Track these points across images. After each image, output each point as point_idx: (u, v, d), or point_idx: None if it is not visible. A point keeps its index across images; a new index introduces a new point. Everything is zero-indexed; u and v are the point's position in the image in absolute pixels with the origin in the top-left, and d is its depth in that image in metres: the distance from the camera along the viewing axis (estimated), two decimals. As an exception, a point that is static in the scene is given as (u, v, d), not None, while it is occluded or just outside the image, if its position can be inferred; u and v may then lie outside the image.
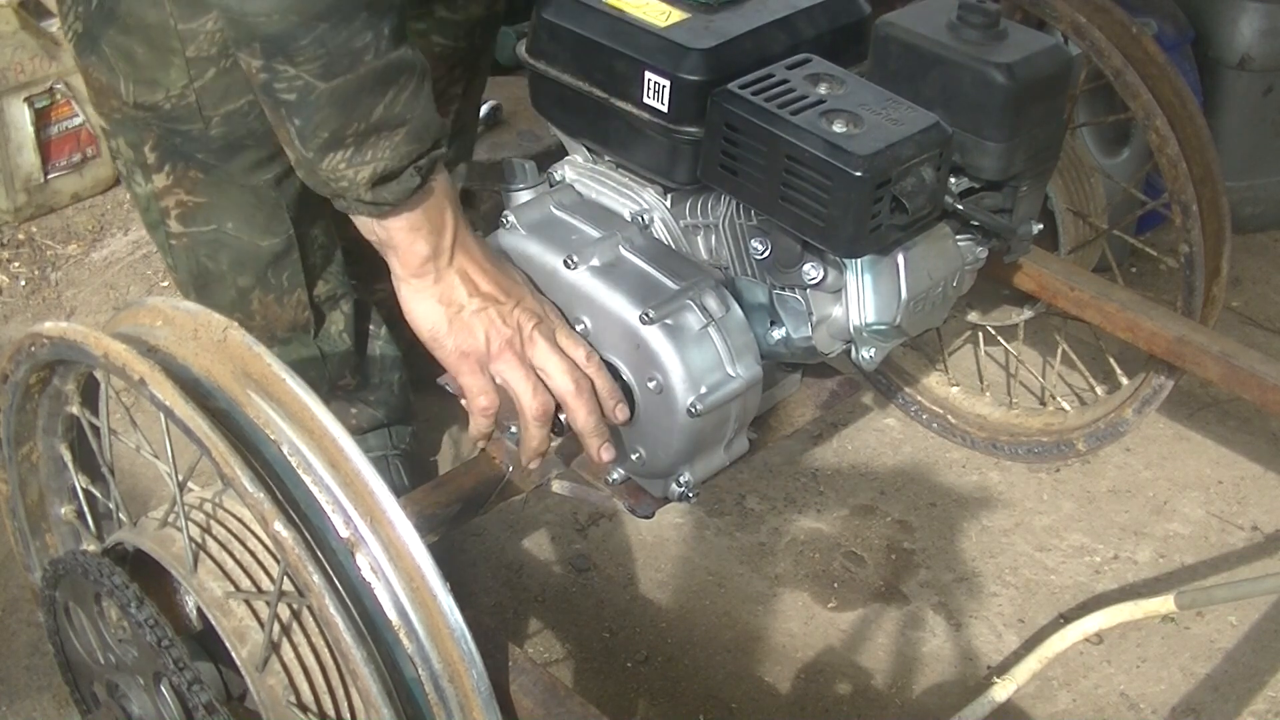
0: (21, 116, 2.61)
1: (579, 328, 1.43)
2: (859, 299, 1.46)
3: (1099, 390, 2.16)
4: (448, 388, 1.63)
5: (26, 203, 2.70)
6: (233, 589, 1.20)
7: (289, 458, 1.13)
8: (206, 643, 1.28)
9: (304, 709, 1.18)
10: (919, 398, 2.26)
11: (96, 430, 1.32)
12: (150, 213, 1.71)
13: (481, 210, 2.59)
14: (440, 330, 1.39)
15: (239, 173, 1.67)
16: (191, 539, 1.21)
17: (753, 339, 1.44)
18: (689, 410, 1.38)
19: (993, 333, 2.16)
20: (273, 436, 1.14)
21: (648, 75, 1.41)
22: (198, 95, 1.58)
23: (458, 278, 1.38)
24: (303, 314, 1.83)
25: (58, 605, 1.36)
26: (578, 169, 1.55)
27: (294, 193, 1.72)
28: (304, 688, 1.18)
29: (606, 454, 1.42)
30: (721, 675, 1.88)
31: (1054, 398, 2.20)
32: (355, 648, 1.07)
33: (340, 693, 1.20)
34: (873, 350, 1.47)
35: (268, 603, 1.17)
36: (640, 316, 1.37)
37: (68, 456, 1.41)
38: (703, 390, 1.38)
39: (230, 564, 1.21)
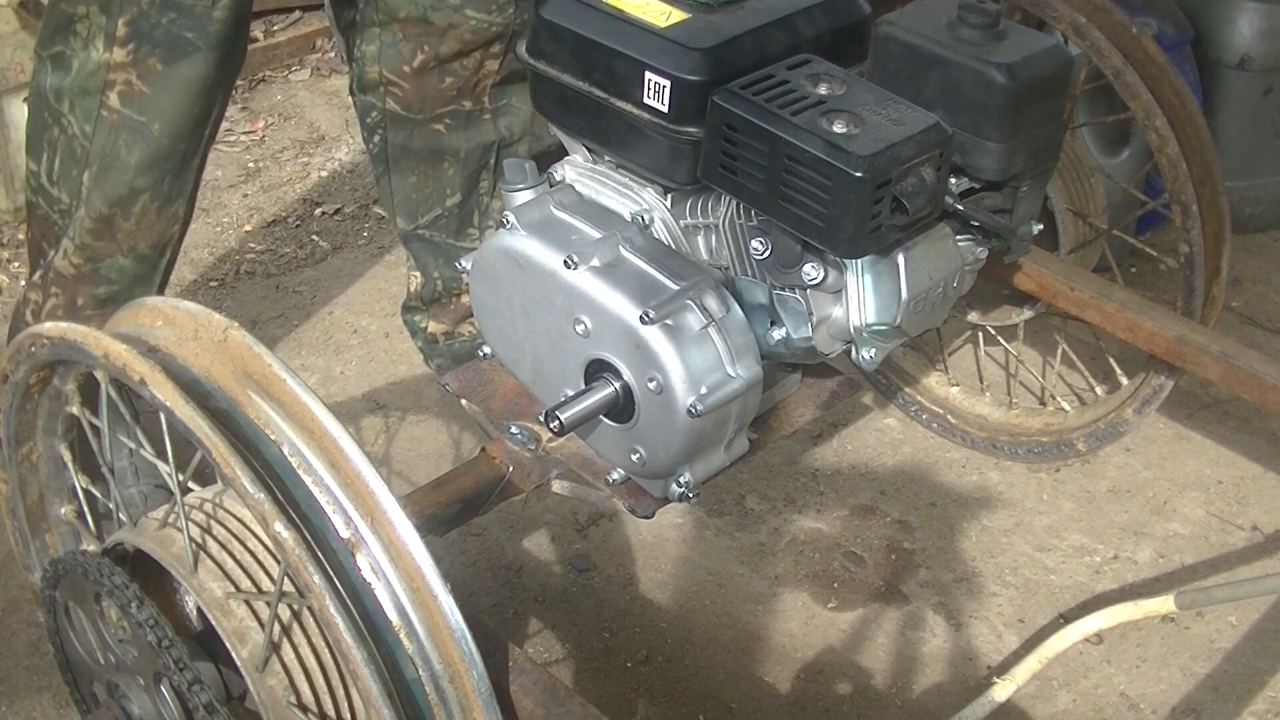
0: (22, 116, 2.60)
1: (579, 328, 1.43)
2: (859, 299, 1.46)
3: (1099, 390, 2.16)
4: (447, 388, 1.63)
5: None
6: (233, 589, 1.20)
7: (289, 458, 1.13)
8: (206, 643, 1.28)
9: (304, 709, 1.18)
10: (919, 398, 2.26)
11: (96, 430, 1.32)
12: (94, 78, 1.77)
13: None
14: None
15: (216, 62, 1.76)
16: (192, 539, 1.21)
17: (753, 339, 1.44)
18: (689, 410, 1.38)
19: (993, 333, 2.16)
20: (273, 437, 1.13)
21: (648, 75, 1.41)
22: None
23: None
24: (172, 227, 1.90)
25: (58, 605, 1.36)
26: (578, 169, 1.55)
27: (226, 98, 1.84)
28: (304, 688, 1.18)
29: None
30: (721, 675, 1.88)
31: (1054, 398, 2.20)
32: (356, 648, 1.07)
33: (341, 693, 1.20)
34: (873, 351, 1.46)
35: (268, 603, 1.17)
36: (640, 316, 1.37)
37: (68, 456, 1.41)
38: (703, 390, 1.38)
39: (230, 564, 1.21)
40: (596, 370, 1.44)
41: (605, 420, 1.46)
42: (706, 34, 1.42)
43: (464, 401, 1.62)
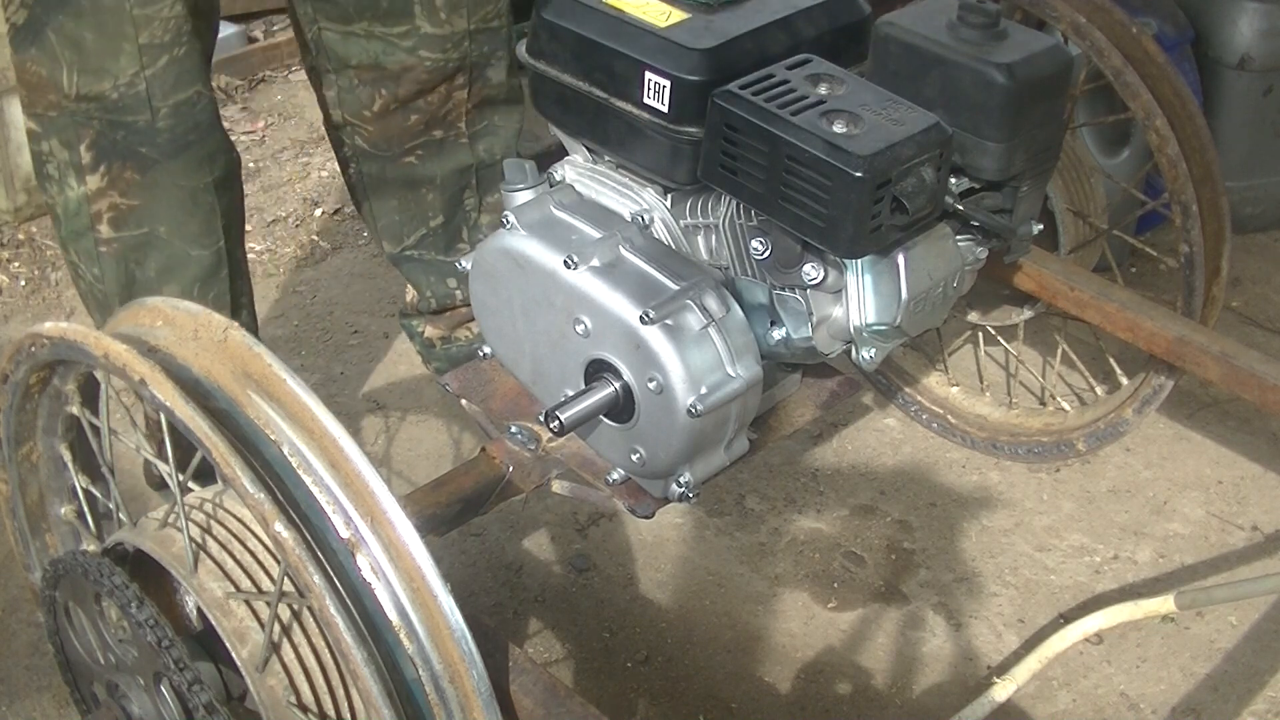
0: (21, 116, 2.61)
1: (579, 328, 1.43)
2: (859, 299, 1.46)
3: (1099, 390, 2.16)
4: (447, 388, 1.64)
5: (26, 203, 2.70)
6: (233, 589, 1.20)
7: (289, 458, 1.13)
8: (206, 643, 1.28)
9: (304, 709, 1.18)
10: (919, 398, 2.26)
11: (96, 430, 1.32)
12: (79, 218, 1.69)
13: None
14: None
15: (180, 171, 1.66)
16: (192, 539, 1.21)
17: (753, 339, 1.44)
18: (689, 410, 1.38)
19: (993, 333, 2.16)
20: (273, 437, 1.13)
21: (648, 75, 1.41)
22: (148, 84, 1.58)
23: None
24: None
25: (58, 605, 1.36)
26: (578, 169, 1.55)
27: (227, 203, 1.72)
28: (304, 688, 1.18)
29: None
30: (721, 675, 1.87)
31: (1054, 398, 2.20)
32: (356, 648, 1.07)
33: (341, 693, 1.20)
34: (873, 350, 1.47)
35: (268, 603, 1.17)
36: (640, 316, 1.37)
37: (68, 456, 1.41)
38: (703, 390, 1.38)
39: (230, 564, 1.21)
40: (596, 370, 1.44)
41: (605, 420, 1.46)
42: (706, 34, 1.42)
43: (464, 401, 1.62)
